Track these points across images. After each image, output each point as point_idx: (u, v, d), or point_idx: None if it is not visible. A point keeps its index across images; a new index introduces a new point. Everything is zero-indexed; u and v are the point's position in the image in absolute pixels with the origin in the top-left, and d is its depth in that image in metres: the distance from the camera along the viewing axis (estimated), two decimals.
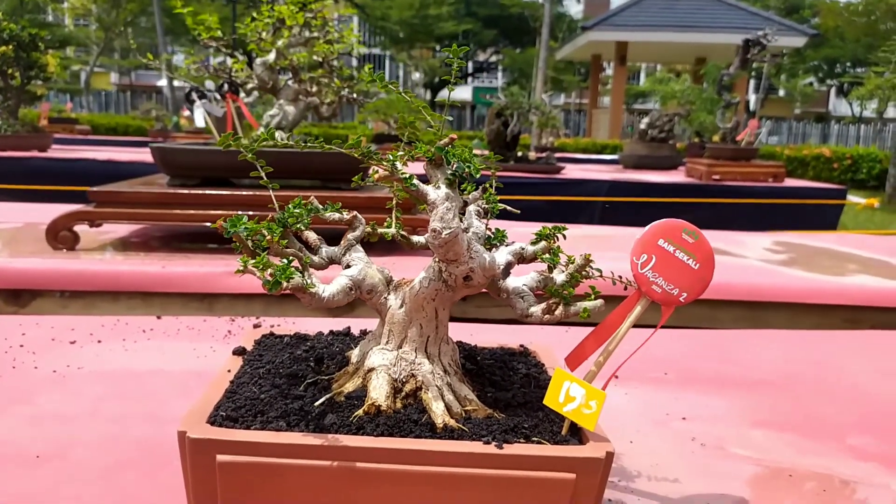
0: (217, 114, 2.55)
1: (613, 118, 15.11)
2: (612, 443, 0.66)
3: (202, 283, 1.80)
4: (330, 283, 0.70)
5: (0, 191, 4.22)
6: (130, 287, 1.79)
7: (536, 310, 0.70)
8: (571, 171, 5.62)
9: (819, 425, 1.03)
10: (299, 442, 0.62)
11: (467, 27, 22.31)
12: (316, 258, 0.73)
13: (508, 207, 0.84)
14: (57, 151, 5.36)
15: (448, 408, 0.69)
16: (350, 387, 0.71)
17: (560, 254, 0.71)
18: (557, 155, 8.62)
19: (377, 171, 0.66)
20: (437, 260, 0.70)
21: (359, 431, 0.65)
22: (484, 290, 0.74)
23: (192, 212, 2.05)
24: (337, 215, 0.73)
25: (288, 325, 1.35)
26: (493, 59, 26.53)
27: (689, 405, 1.08)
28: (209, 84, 2.56)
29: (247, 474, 0.62)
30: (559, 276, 0.74)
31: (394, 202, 0.81)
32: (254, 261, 0.59)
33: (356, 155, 0.66)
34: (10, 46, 5.23)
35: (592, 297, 0.71)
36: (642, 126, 6.62)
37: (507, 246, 0.72)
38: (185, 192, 2.06)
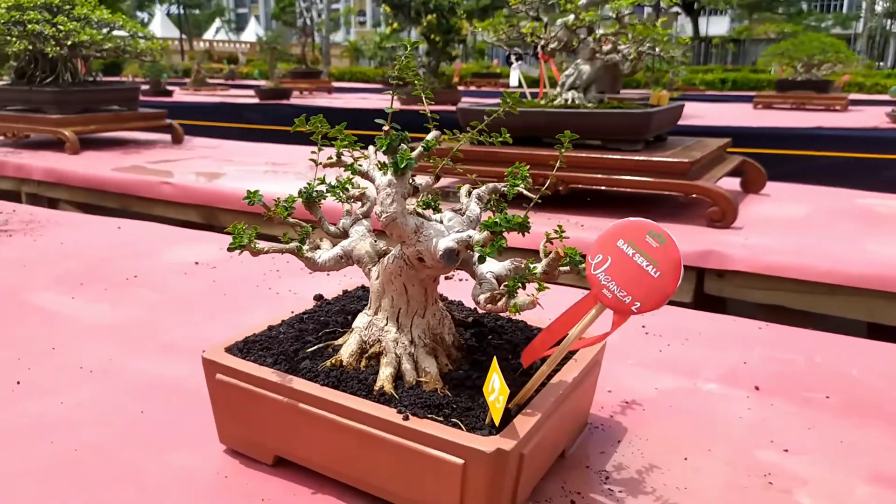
0: (534, 74, 2.70)
1: None
2: (515, 442, 0.65)
3: None
4: (329, 251, 0.82)
5: None
6: None
7: (482, 298, 0.71)
8: None
9: None
10: (263, 376, 0.77)
11: None
12: (332, 228, 0.85)
13: (524, 191, 0.83)
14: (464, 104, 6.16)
15: (401, 375, 0.76)
16: (341, 341, 0.83)
17: (503, 246, 0.69)
18: None
19: (329, 158, 0.75)
20: None
21: (314, 378, 0.76)
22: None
23: (482, 168, 2.27)
24: (347, 192, 0.84)
25: None
26: None
27: (813, 438, 0.89)
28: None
29: (232, 393, 0.80)
30: (539, 266, 0.72)
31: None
32: (231, 233, 0.75)
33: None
34: (434, 15, 6.15)
35: (534, 291, 0.69)
36: None
37: (458, 233, 0.73)
38: (479, 149, 2.28)
